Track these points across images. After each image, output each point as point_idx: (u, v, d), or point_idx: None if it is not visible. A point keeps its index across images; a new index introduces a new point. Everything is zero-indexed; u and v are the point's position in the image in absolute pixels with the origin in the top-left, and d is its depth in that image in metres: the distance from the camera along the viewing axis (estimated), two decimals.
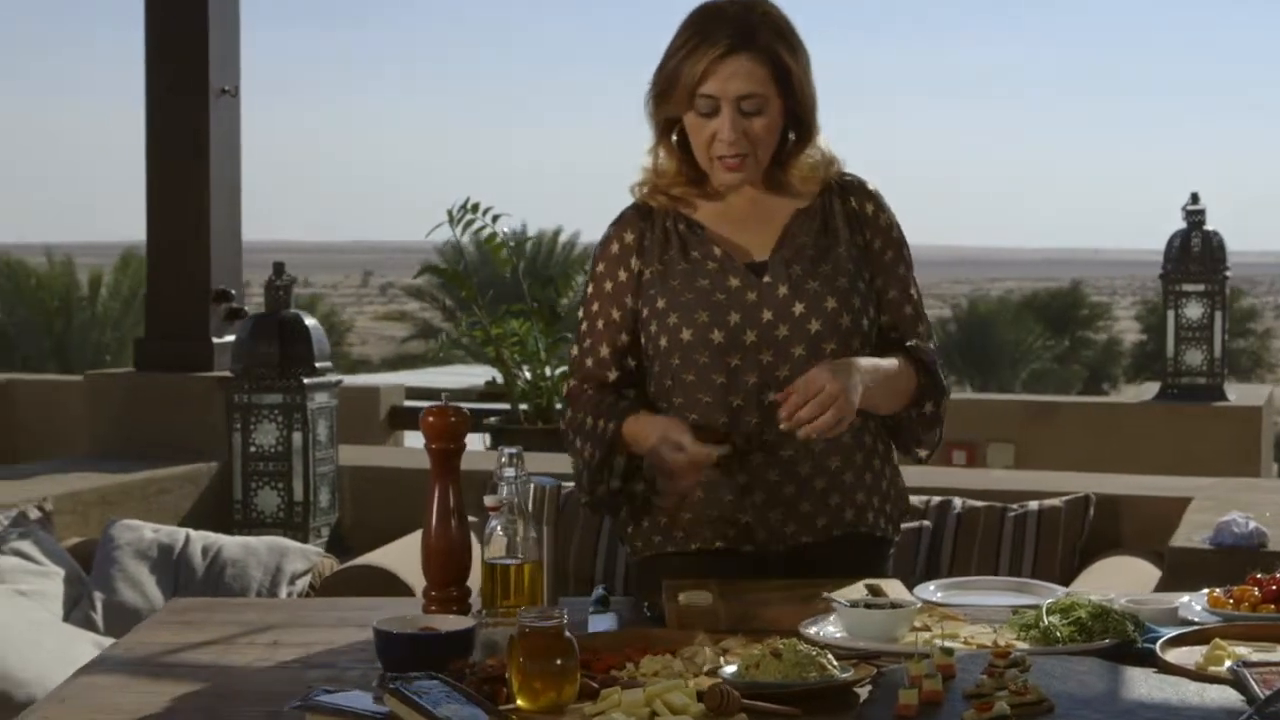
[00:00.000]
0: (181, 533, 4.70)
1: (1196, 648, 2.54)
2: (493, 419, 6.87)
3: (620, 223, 3.07)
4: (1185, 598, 2.85)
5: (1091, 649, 2.53)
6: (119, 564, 4.55)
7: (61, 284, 25.52)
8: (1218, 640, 2.53)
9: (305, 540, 5.06)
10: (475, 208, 6.87)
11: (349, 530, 5.43)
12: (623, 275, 3.03)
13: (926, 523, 4.78)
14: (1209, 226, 7.31)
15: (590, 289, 3.09)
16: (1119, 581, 4.25)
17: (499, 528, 2.74)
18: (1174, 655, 2.51)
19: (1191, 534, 4.17)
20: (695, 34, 2.91)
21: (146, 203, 5.80)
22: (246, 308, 5.96)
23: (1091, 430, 7.21)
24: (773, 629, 2.66)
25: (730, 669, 2.42)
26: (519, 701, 2.29)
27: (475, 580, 2.81)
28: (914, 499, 4.82)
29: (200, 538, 4.70)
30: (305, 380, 5.22)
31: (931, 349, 3.07)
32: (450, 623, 2.57)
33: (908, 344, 3.04)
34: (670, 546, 3.04)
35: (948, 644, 2.54)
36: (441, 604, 2.78)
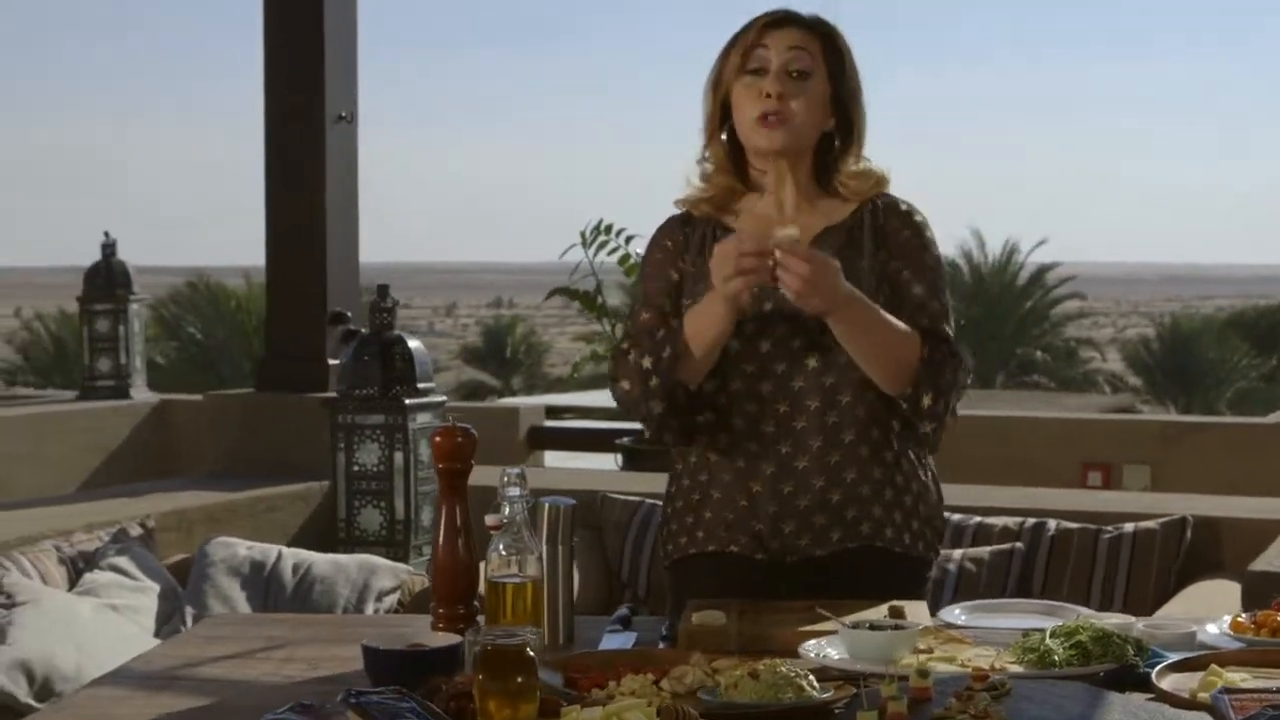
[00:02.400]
0: (274, 550, 4.80)
1: (1196, 674, 2.49)
2: (625, 439, 6.91)
3: (666, 228, 3.13)
4: (1210, 623, 2.79)
5: (1081, 673, 2.49)
6: (211, 580, 4.67)
7: (259, 305, 26.22)
8: (1213, 666, 2.49)
9: (406, 559, 5.14)
10: (608, 229, 6.91)
11: None
12: (673, 275, 3.07)
13: (1019, 545, 4.71)
14: None
15: (641, 288, 3.13)
16: (1209, 606, 4.14)
17: (502, 546, 2.76)
18: (1170, 681, 2.46)
19: (1275, 558, 4.05)
20: (754, 18, 3.04)
21: (266, 227, 5.94)
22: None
23: (1233, 452, 7.03)
24: (782, 650, 2.65)
25: (706, 691, 2.43)
26: (482, 717, 2.31)
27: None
28: (1008, 520, 4.79)
29: (292, 555, 4.80)
30: (407, 401, 5.30)
31: (942, 351, 2.98)
32: (440, 640, 2.61)
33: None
34: (693, 548, 3.08)
35: (940, 666, 2.53)
36: (450, 621, 2.82)
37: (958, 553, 4.71)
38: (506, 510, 2.78)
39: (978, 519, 4.86)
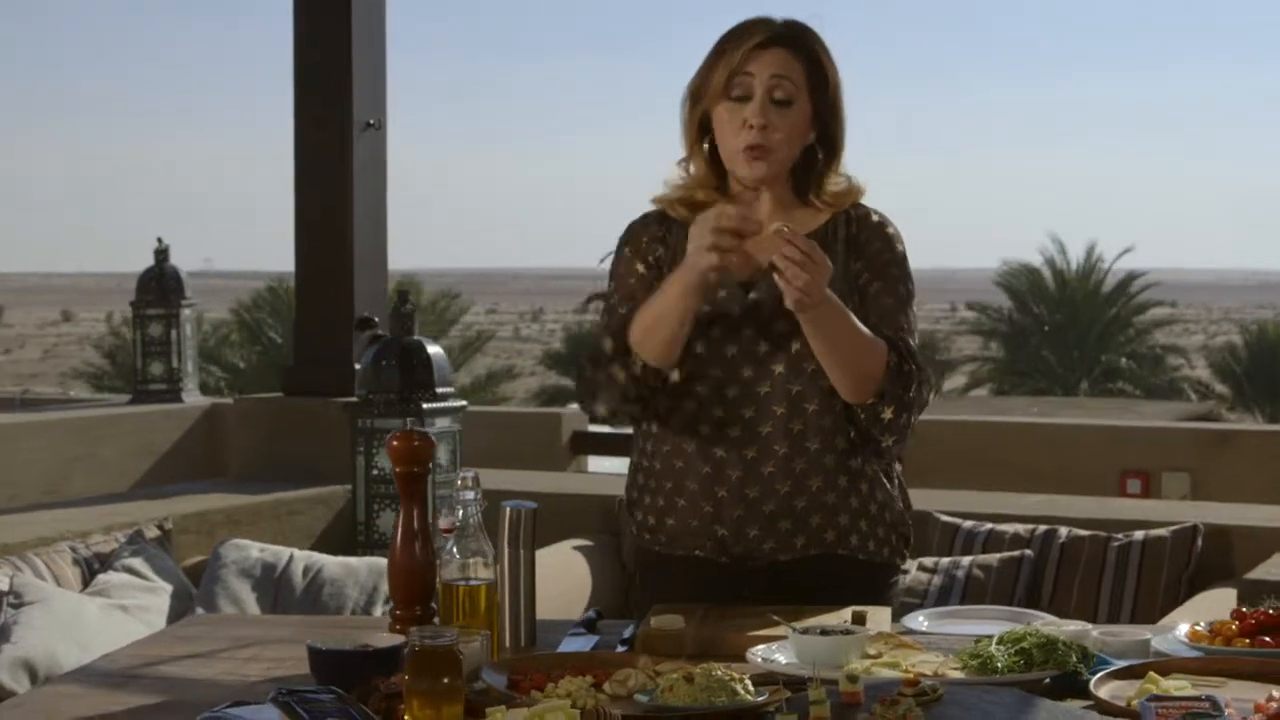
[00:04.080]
0: (286, 552, 4.86)
1: (1136, 682, 2.48)
2: None
3: (642, 223, 3.14)
4: (1178, 629, 2.78)
5: (1022, 680, 2.49)
6: (222, 581, 4.73)
7: None
8: (1151, 674, 2.48)
9: None
10: None
11: None
12: (641, 268, 3.09)
13: (1029, 552, 4.70)
14: None
15: (614, 285, 3.13)
16: (1216, 614, 4.10)
17: (455, 549, 2.79)
18: (1109, 688, 2.46)
19: (1274, 566, 4.02)
20: (739, 29, 3.02)
21: (295, 232, 6.00)
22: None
23: (1275, 459, 6.96)
24: (734, 655, 2.67)
25: (646, 694, 2.44)
26: (407, 718, 2.34)
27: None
28: (1019, 527, 4.77)
29: (304, 558, 4.85)
30: (425, 405, 5.34)
31: (908, 364, 2.97)
32: (384, 641, 2.64)
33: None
34: (657, 547, 3.10)
35: (884, 672, 2.54)
36: (406, 622, 2.84)
37: (966, 559, 4.69)
38: (460, 513, 2.81)
39: (990, 526, 4.84)
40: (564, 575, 4.91)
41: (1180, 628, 2.78)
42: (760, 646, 2.68)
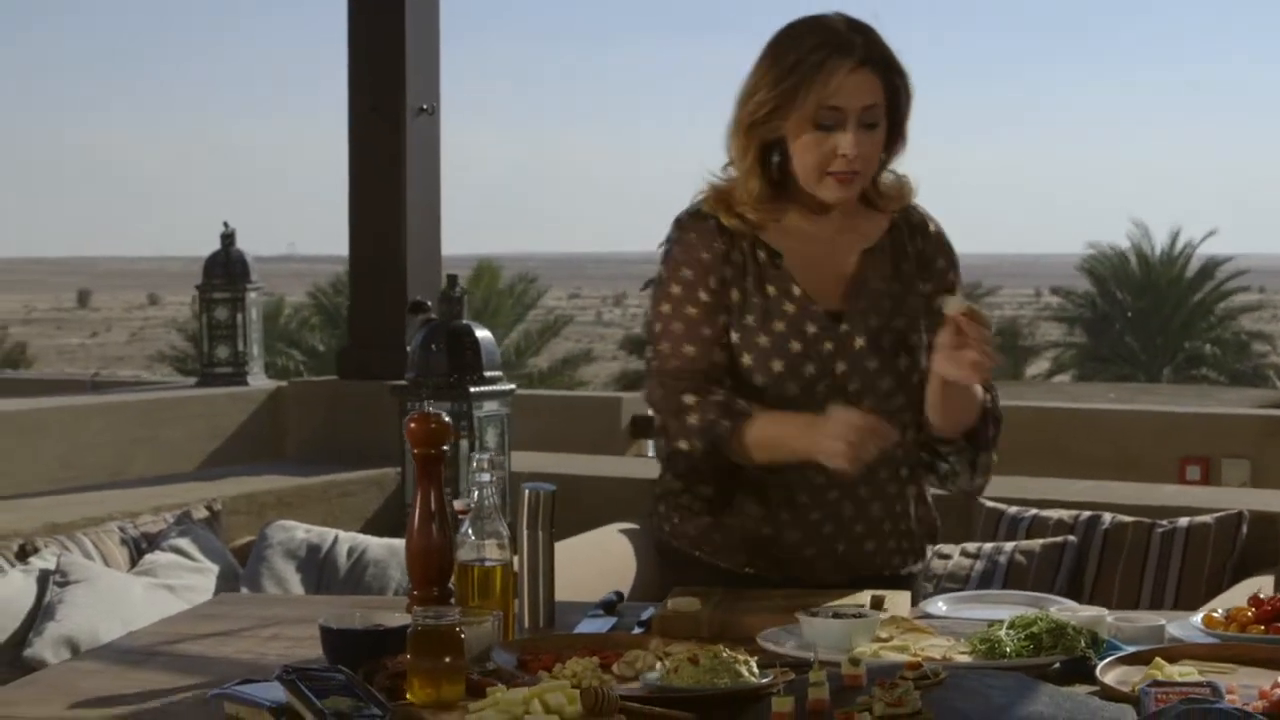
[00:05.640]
0: (331, 533, 4.90)
1: (1143, 668, 2.48)
2: None
3: (700, 235, 2.96)
4: (1195, 616, 2.77)
5: (1031, 665, 2.48)
6: (268, 562, 4.78)
7: None
8: (1157, 660, 2.47)
9: None
10: None
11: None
12: (705, 296, 2.94)
13: (1072, 538, 4.67)
14: None
15: (673, 309, 2.97)
16: None
17: (470, 530, 2.81)
18: (1116, 674, 2.46)
19: None
20: (822, 47, 2.86)
21: (349, 217, 6.06)
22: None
23: None
24: (750, 638, 2.67)
25: (653, 674, 2.45)
26: (409, 696, 2.36)
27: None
28: (1063, 513, 4.75)
29: (349, 539, 4.90)
30: (473, 389, 5.37)
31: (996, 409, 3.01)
32: (397, 621, 2.66)
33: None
34: (698, 552, 3.06)
35: (892, 656, 2.54)
36: (424, 603, 2.86)
37: (1009, 545, 4.67)
38: (476, 495, 2.83)
39: (1034, 512, 4.82)
40: (606, 558, 4.93)
41: (1197, 615, 2.77)
42: (771, 630, 2.69)
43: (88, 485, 5.84)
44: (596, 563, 4.74)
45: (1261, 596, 2.74)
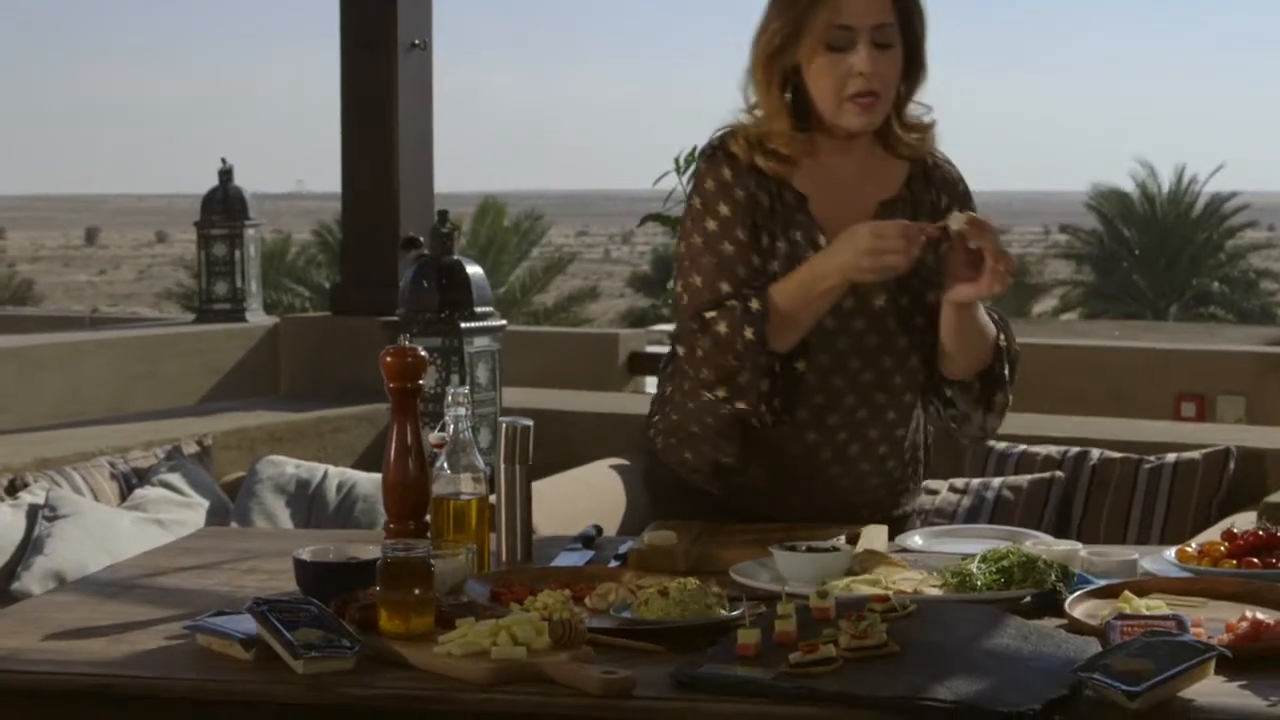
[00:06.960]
0: (321, 469, 4.92)
1: (1112, 601, 2.48)
2: None
3: (733, 172, 2.94)
4: (1167, 551, 2.78)
5: (1001, 598, 2.49)
6: (257, 497, 4.80)
7: None
8: (1126, 594, 2.48)
9: None
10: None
11: None
12: (743, 235, 2.91)
13: (1060, 474, 4.68)
14: None
15: (706, 243, 2.93)
16: None
17: (445, 464, 2.82)
18: (1085, 607, 2.46)
19: None
20: None
21: (341, 154, 6.04)
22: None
23: None
24: (725, 571, 2.68)
25: (623, 608, 2.47)
26: (379, 628, 2.38)
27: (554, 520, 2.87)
28: (1051, 449, 4.76)
29: (338, 474, 4.92)
30: (464, 325, 5.38)
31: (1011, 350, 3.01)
32: (370, 554, 2.67)
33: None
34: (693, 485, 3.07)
35: (863, 589, 2.54)
36: (400, 537, 2.88)
37: (996, 480, 4.68)
38: (451, 429, 2.84)
39: (1022, 447, 4.82)
40: (596, 493, 4.94)
41: (1171, 549, 2.77)
42: (744, 563, 2.70)
43: (81, 420, 5.85)
44: (584, 497, 4.75)
45: (1235, 530, 2.74)
